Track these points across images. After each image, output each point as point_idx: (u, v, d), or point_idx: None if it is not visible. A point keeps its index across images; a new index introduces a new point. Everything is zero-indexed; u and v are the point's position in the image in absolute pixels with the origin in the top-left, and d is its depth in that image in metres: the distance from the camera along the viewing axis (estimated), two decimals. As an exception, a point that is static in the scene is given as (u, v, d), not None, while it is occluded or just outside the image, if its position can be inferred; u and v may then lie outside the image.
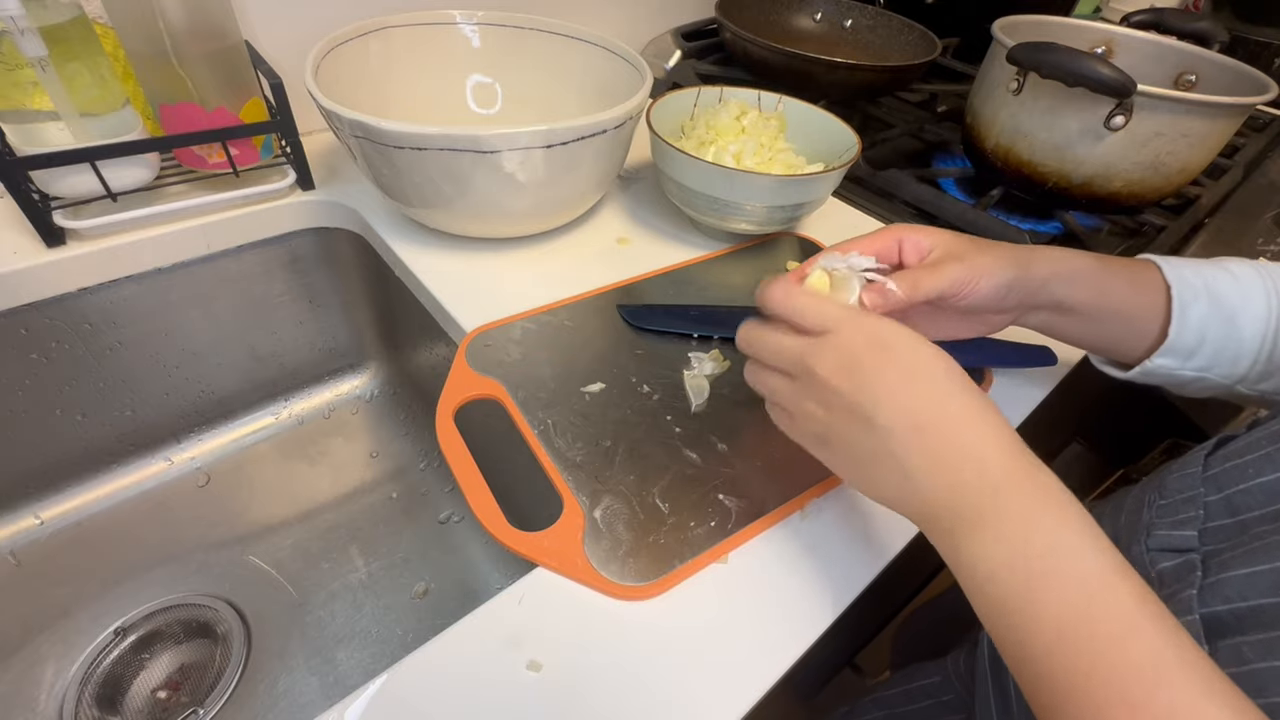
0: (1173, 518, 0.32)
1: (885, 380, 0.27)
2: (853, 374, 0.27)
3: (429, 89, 0.58)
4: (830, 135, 0.56)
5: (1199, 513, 0.30)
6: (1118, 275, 0.36)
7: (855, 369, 0.27)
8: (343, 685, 0.49)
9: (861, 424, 0.27)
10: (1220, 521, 0.30)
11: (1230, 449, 0.31)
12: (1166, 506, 0.32)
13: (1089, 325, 0.37)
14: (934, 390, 0.27)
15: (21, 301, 0.47)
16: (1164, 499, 0.33)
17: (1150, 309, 0.36)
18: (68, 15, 0.41)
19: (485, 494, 0.34)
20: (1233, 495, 0.30)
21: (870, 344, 0.27)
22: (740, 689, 0.29)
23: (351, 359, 0.69)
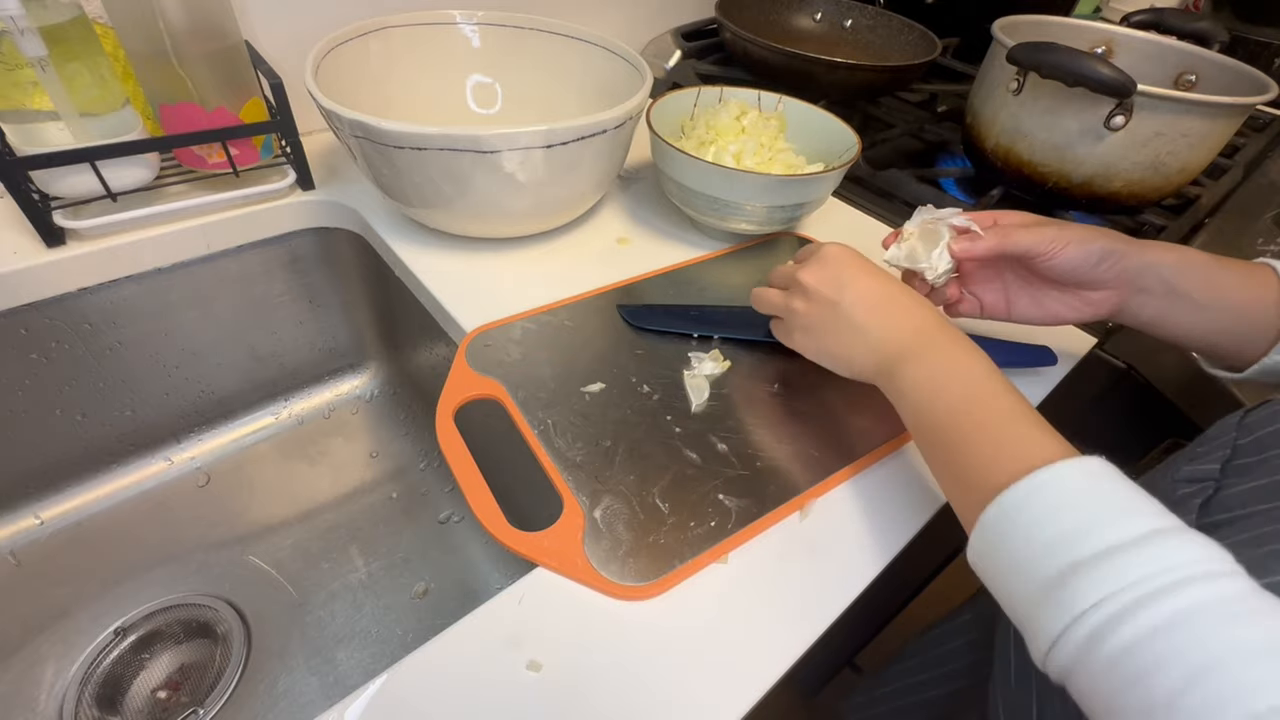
0: (1202, 457, 0.33)
1: (850, 276, 0.37)
2: (824, 274, 0.38)
3: (429, 89, 0.58)
4: (830, 135, 0.56)
5: (1226, 451, 0.32)
6: (1228, 268, 0.37)
7: (827, 273, 0.38)
8: (343, 685, 0.49)
9: (833, 307, 0.37)
10: (1245, 460, 0.31)
11: (1271, 406, 0.32)
12: (1201, 452, 0.34)
13: (1200, 315, 0.38)
14: (881, 284, 0.37)
15: (21, 301, 0.47)
16: (1201, 446, 0.34)
17: (1265, 303, 0.36)
18: (68, 15, 0.41)
19: (485, 494, 0.34)
20: (1263, 436, 0.31)
21: (838, 255, 0.38)
22: (740, 689, 0.29)
23: (351, 359, 0.69)
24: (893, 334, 0.35)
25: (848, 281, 0.37)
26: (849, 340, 0.37)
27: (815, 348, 0.39)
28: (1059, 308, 0.41)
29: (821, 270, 0.38)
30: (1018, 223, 0.39)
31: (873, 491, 0.38)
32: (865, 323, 0.36)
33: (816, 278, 0.38)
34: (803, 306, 0.38)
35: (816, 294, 0.37)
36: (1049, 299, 0.41)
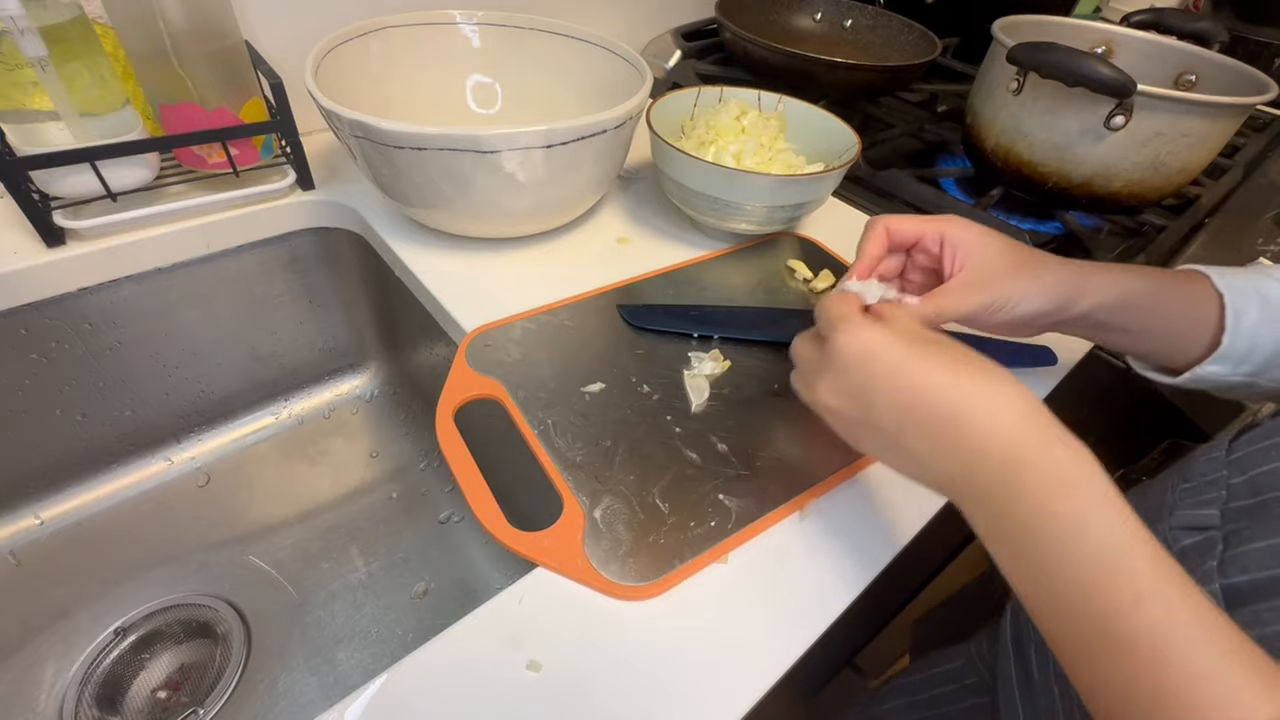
0: (1196, 498, 0.32)
1: (878, 392, 0.29)
2: (849, 391, 0.30)
3: (429, 89, 0.58)
4: (830, 135, 0.56)
5: (1221, 493, 0.31)
6: (1171, 295, 0.36)
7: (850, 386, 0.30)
8: (343, 685, 0.49)
9: (872, 429, 0.30)
10: (1242, 502, 0.30)
11: (1255, 434, 0.32)
12: (1190, 489, 0.33)
13: (1136, 340, 0.37)
14: (923, 390, 0.28)
15: (21, 301, 0.47)
16: (1188, 482, 0.33)
17: (1202, 320, 0.36)
18: (68, 15, 0.41)
19: (485, 494, 0.34)
20: (1256, 476, 0.30)
21: (856, 358, 0.30)
22: (740, 689, 0.29)
23: (351, 359, 0.69)
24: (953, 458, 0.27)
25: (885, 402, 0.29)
26: (902, 462, 0.30)
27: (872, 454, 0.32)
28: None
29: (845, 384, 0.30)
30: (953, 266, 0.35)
31: (873, 491, 0.38)
32: (912, 445, 0.28)
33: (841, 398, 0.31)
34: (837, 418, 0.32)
35: (849, 419, 0.31)
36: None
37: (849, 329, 0.30)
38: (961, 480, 0.27)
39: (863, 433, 0.31)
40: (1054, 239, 0.59)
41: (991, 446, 0.26)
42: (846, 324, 0.30)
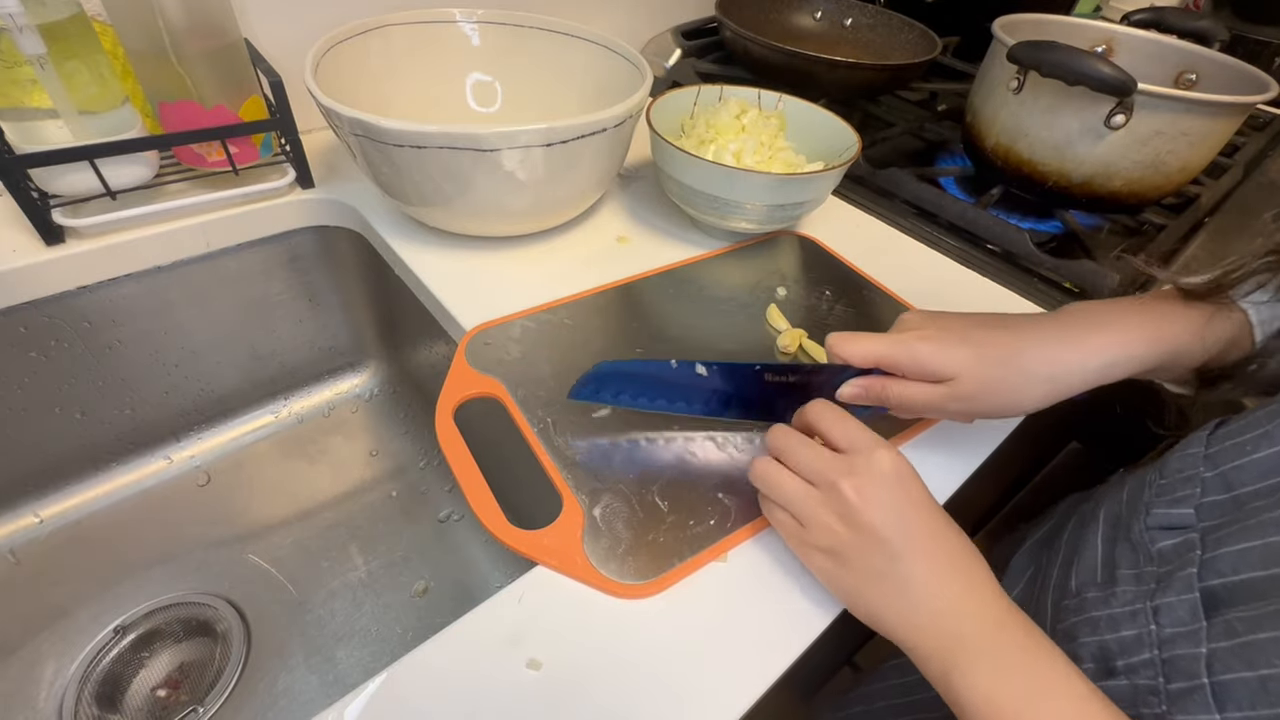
0: (1171, 495, 0.32)
1: (902, 509, 0.29)
2: (880, 502, 0.29)
3: (429, 87, 0.58)
4: (830, 134, 0.56)
5: (1196, 490, 0.31)
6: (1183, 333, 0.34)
7: (883, 497, 0.29)
8: (342, 684, 0.49)
9: (881, 549, 0.29)
10: (1216, 497, 0.30)
11: (1230, 428, 0.32)
12: (1166, 485, 0.33)
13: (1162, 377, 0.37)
14: (941, 531, 0.29)
15: (20, 300, 0.46)
16: (1164, 478, 0.33)
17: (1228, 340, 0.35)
18: (66, 13, 0.41)
19: (485, 492, 0.34)
20: (1228, 471, 0.30)
21: (897, 476, 0.30)
22: (740, 687, 0.29)
23: (351, 357, 0.69)
24: (953, 619, 0.28)
25: (910, 527, 0.29)
26: (894, 602, 0.29)
27: (842, 582, 0.30)
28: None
29: (878, 494, 0.29)
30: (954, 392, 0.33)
31: (872, 490, 0.38)
32: (923, 594, 0.28)
33: (871, 504, 0.29)
34: (837, 527, 0.30)
35: (868, 529, 0.29)
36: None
37: (891, 450, 0.30)
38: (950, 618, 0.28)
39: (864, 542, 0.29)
40: (1054, 238, 0.59)
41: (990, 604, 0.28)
42: (886, 445, 0.30)
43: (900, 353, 0.34)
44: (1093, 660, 0.30)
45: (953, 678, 0.27)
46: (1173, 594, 0.28)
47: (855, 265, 0.54)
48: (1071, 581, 0.35)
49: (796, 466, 0.32)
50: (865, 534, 0.29)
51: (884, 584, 0.29)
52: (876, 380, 0.35)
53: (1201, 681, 0.25)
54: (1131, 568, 0.32)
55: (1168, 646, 0.27)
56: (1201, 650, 0.25)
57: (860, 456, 0.30)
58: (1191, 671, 0.25)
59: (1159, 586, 0.29)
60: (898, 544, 0.28)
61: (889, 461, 0.30)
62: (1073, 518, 0.42)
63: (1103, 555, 0.35)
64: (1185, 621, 0.27)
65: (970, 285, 0.55)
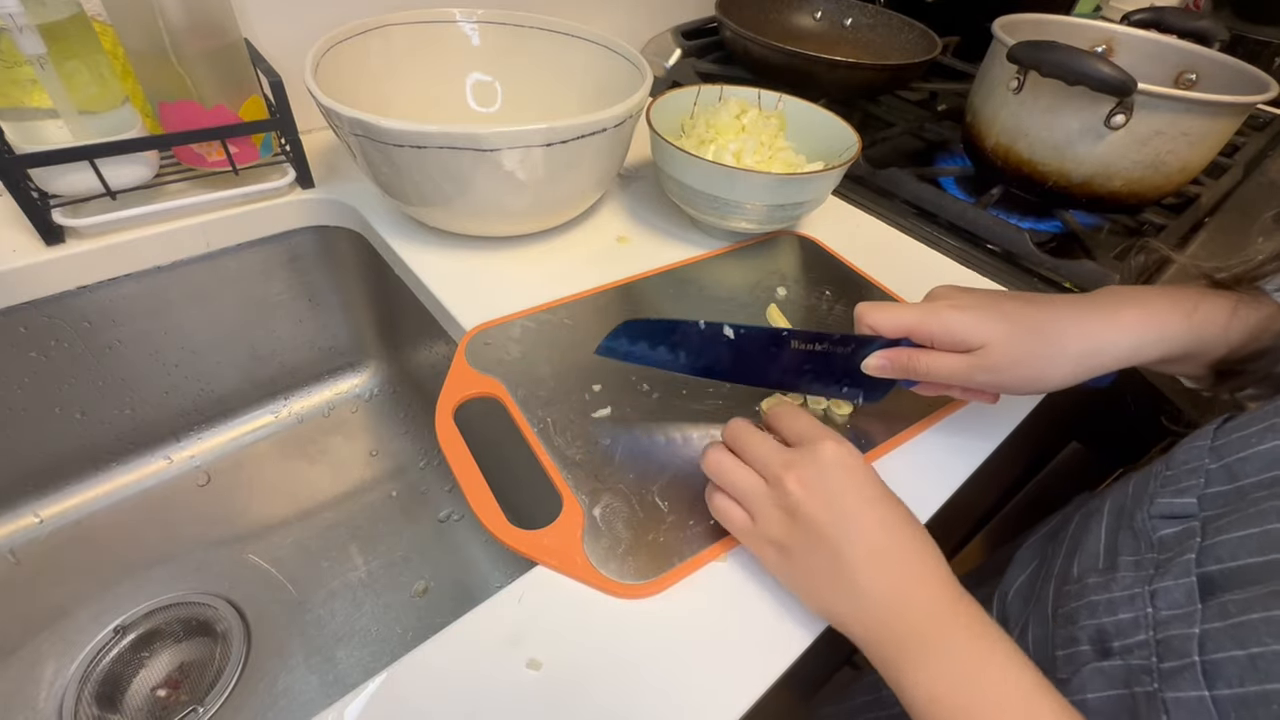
0: (1175, 486, 0.32)
1: (849, 504, 0.29)
2: (822, 492, 0.29)
3: (429, 87, 0.58)
4: (830, 134, 0.56)
5: (1200, 480, 0.31)
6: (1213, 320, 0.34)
7: (825, 488, 0.29)
8: (342, 684, 0.49)
9: (824, 541, 0.29)
10: (1220, 488, 0.30)
11: (1237, 422, 0.32)
12: (1171, 476, 0.33)
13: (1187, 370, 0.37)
14: (889, 521, 0.29)
15: (20, 300, 0.46)
16: (1170, 470, 0.33)
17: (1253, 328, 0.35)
18: (66, 13, 0.41)
19: (485, 492, 0.34)
20: (1232, 463, 0.30)
21: (840, 466, 0.29)
22: (739, 687, 0.29)
23: (351, 357, 0.69)
24: (900, 611, 0.28)
25: (854, 518, 0.29)
26: (840, 593, 0.29)
27: (791, 576, 0.31)
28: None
29: (820, 485, 0.29)
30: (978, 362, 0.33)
31: (872, 490, 0.38)
32: (865, 581, 0.28)
33: (810, 495, 0.29)
34: (781, 520, 0.30)
35: (804, 515, 0.29)
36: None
37: (838, 441, 0.30)
38: (897, 610, 0.28)
39: (806, 533, 0.29)
40: (1054, 238, 0.59)
41: (939, 595, 0.28)
42: (833, 437, 0.30)
43: (932, 321, 0.33)
44: (1090, 642, 0.31)
45: (901, 675, 0.27)
46: (1170, 578, 0.28)
47: (855, 265, 0.54)
48: (1074, 569, 0.36)
49: (748, 458, 0.32)
50: (808, 527, 0.29)
51: (829, 577, 0.29)
52: (903, 351, 0.35)
53: (1193, 660, 0.25)
54: (1132, 554, 0.32)
55: (1162, 628, 0.27)
56: (1195, 630, 0.26)
57: (806, 448, 0.30)
58: (1184, 651, 0.26)
59: (1158, 572, 0.29)
60: (840, 537, 0.28)
61: (831, 452, 0.30)
62: (1078, 513, 0.42)
63: (1105, 543, 0.35)
64: (1181, 604, 0.27)
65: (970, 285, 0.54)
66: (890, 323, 0.34)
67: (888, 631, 0.28)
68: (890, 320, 0.34)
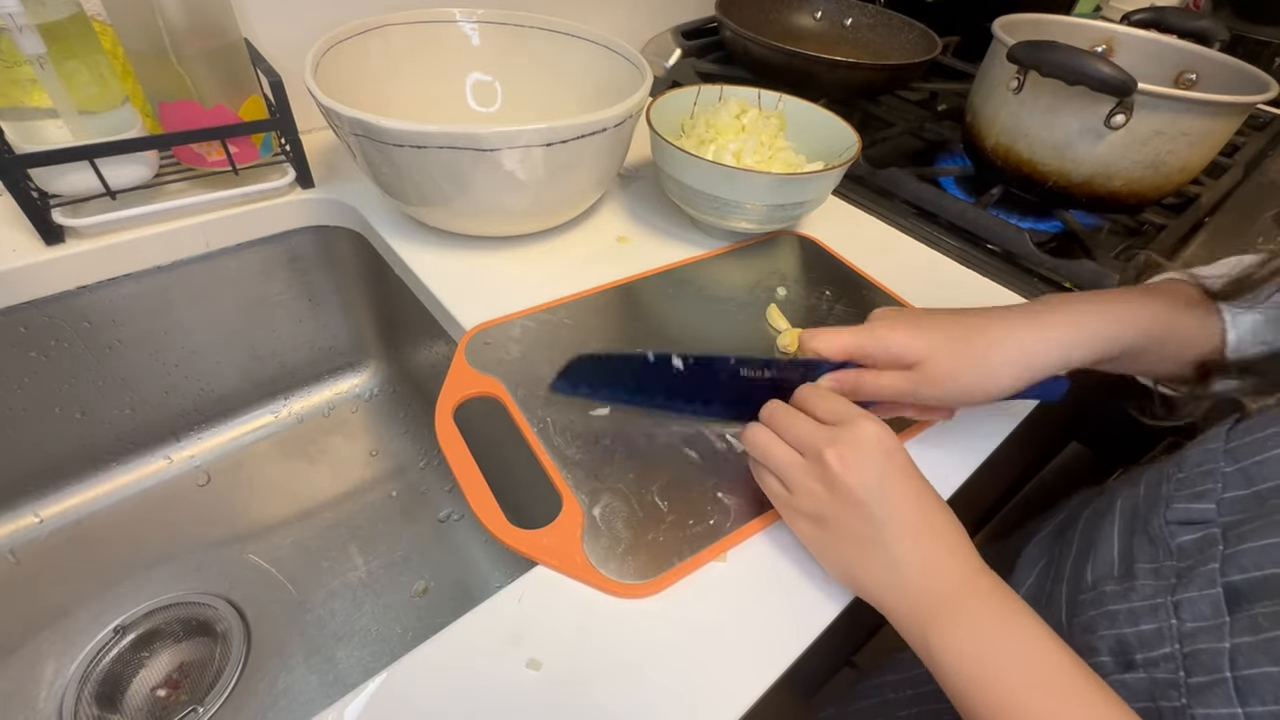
0: (1191, 490, 0.32)
1: (888, 479, 0.30)
2: (861, 467, 0.30)
3: (429, 87, 0.58)
4: (830, 134, 0.56)
5: (1217, 485, 0.31)
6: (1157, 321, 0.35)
7: (864, 464, 0.30)
8: (342, 684, 0.49)
9: (862, 513, 0.30)
10: (1237, 493, 0.30)
11: (1250, 423, 0.32)
12: (1185, 480, 0.33)
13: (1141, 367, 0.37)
14: (923, 498, 0.30)
15: (20, 299, 0.46)
16: (1183, 472, 0.33)
17: (1202, 333, 0.35)
18: (66, 12, 0.41)
19: (484, 492, 0.34)
20: (1249, 467, 0.30)
21: (879, 444, 0.30)
22: (739, 687, 0.29)
23: (351, 357, 0.69)
24: (933, 579, 0.29)
25: (891, 492, 0.30)
26: (874, 562, 0.30)
27: (826, 548, 0.32)
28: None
29: (860, 461, 0.30)
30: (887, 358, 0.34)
31: (872, 490, 0.38)
32: (899, 550, 0.29)
33: (849, 467, 0.30)
34: (821, 492, 0.31)
35: (843, 487, 0.30)
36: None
37: (876, 421, 0.31)
38: (928, 579, 0.29)
39: (845, 506, 0.30)
40: (1054, 238, 0.59)
41: (967, 567, 0.29)
42: (871, 417, 0.31)
43: (869, 340, 0.35)
44: (1110, 653, 0.31)
45: (930, 638, 0.28)
46: (1194, 589, 0.28)
47: (855, 265, 0.54)
48: (1088, 574, 0.36)
49: (786, 435, 0.33)
50: (847, 499, 0.30)
51: (865, 548, 0.30)
52: (850, 372, 0.36)
53: (1224, 675, 0.25)
54: (1150, 562, 0.32)
55: (1189, 641, 0.27)
56: (1225, 645, 0.26)
57: (845, 427, 0.31)
58: (1214, 666, 0.26)
59: (1180, 581, 0.29)
60: (878, 509, 0.29)
61: (872, 431, 0.31)
62: (1085, 510, 0.42)
63: (1119, 549, 0.35)
64: (1207, 616, 0.27)
65: (970, 285, 0.55)
66: (832, 346, 0.35)
67: (921, 598, 0.29)
68: (831, 344, 0.35)
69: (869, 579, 0.30)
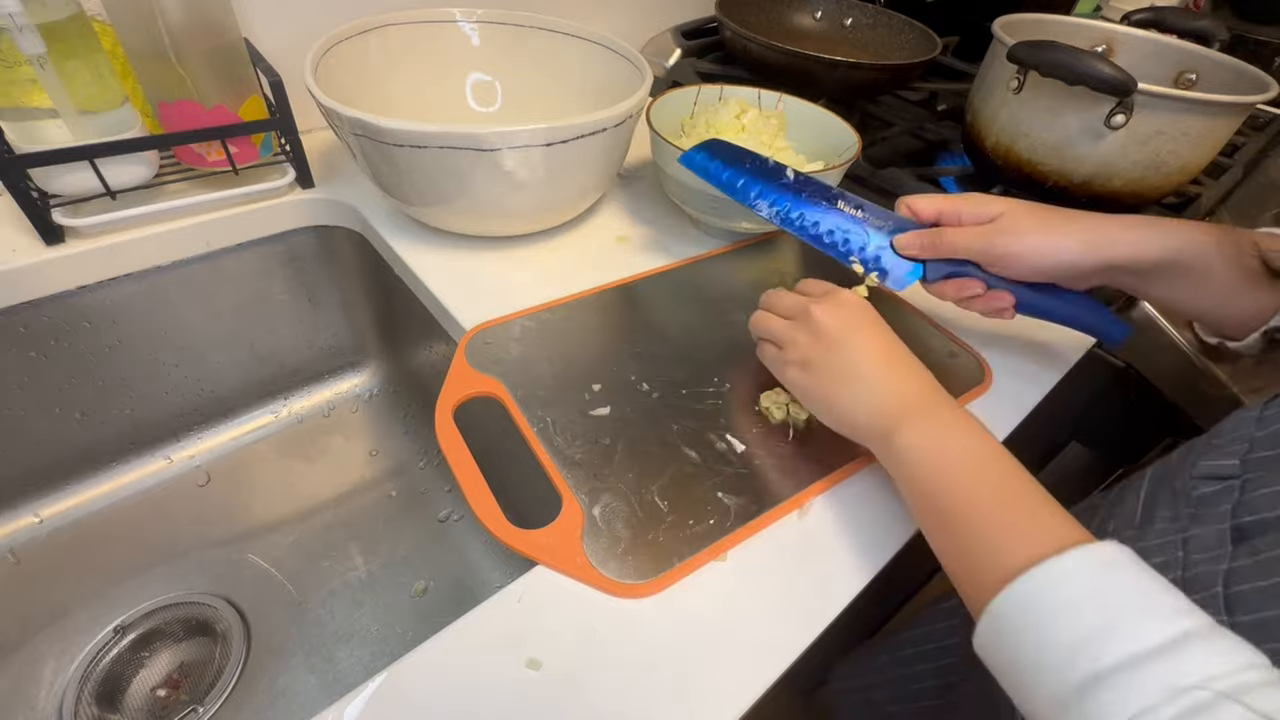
0: (1220, 450, 0.33)
1: (863, 326, 0.36)
2: (840, 314, 0.36)
3: (429, 87, 0.58)
4: (830, 133, 0.56)
5: (1245, 445, 0.32)
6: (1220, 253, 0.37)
7: (843, 312, 0.36)
8: (342, 683, 0.49)
9: (841, 351, 0.35)
10: (1264, 452, 0.31)
11: None
12: (1216, 445, 0.34)
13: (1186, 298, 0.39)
14: (892, 341, 0.36)
15: (20, 299, 0.46)
16: (1216, 440, 0.34)
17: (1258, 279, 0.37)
18: (66, 12, 0.41)
19: (484, 492, 0.34)
20: (1279, 430, 0.31)
21: (856, 303, 0.37)
22: (739, 687, 0.29)
23: (351, 357, 0.69)
24: (896, 393, 0.34)
25: (861, 328, 0.36)
26: (850, 389, 0.35)
27: (810, 387, 0.37)
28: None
29: (837, 310, 0.36)
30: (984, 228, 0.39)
31: (872, 490, 0.38)
32: (871, 375, 0.34)
33: (830, 315, 0.36)
34: (807, 340, 0.36)
35: (826, 332, 0.36)
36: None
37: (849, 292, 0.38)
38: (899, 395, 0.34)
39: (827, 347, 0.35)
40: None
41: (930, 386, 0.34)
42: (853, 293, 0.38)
43: (959, 199, 0.40)
44: None
45: (894, 439, 0.32)
46: (1203, 526, 0.29)
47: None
48: (1110, 525, 0.37)
49: (781, 310, 0.39)
50: (828, 340, 0.36)
51: (844, 379, 0.35)
52: (929, 231, 0.41)
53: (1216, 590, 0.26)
54: (1169, 509, 0.33)
55: (1191, 568, 0.28)
56: (1222, 567, 0.27)
57: (830, 294, 0.38)
58: (1208, 584, 0.27)
59: (1192, 522, 0.30)
60: (855, 345, 0.35)
61: (850, 295, 0.37)
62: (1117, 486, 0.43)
63: (1144, 502, 0.36)
64: (1211, 547, 0.28)
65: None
66: (926, 208, 0.41)
67: (890, 410, 0.33)
68: (927, 206, 0.41)
69: (847, 405, 0.35)
